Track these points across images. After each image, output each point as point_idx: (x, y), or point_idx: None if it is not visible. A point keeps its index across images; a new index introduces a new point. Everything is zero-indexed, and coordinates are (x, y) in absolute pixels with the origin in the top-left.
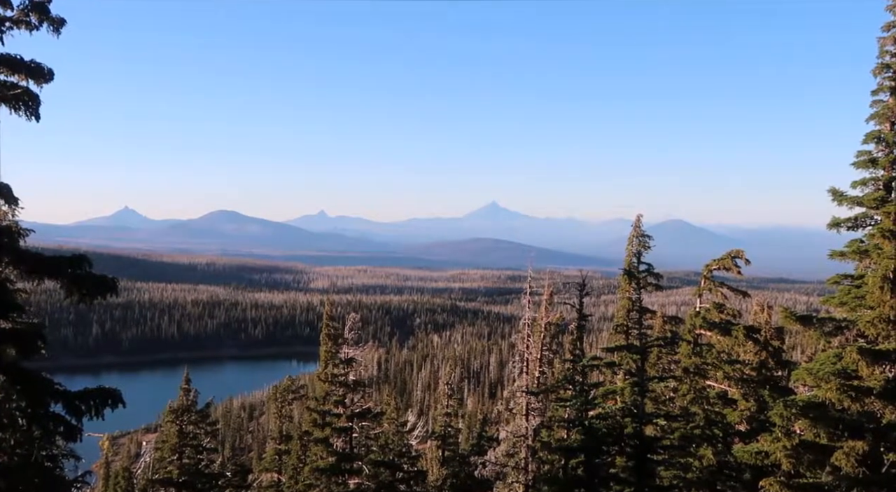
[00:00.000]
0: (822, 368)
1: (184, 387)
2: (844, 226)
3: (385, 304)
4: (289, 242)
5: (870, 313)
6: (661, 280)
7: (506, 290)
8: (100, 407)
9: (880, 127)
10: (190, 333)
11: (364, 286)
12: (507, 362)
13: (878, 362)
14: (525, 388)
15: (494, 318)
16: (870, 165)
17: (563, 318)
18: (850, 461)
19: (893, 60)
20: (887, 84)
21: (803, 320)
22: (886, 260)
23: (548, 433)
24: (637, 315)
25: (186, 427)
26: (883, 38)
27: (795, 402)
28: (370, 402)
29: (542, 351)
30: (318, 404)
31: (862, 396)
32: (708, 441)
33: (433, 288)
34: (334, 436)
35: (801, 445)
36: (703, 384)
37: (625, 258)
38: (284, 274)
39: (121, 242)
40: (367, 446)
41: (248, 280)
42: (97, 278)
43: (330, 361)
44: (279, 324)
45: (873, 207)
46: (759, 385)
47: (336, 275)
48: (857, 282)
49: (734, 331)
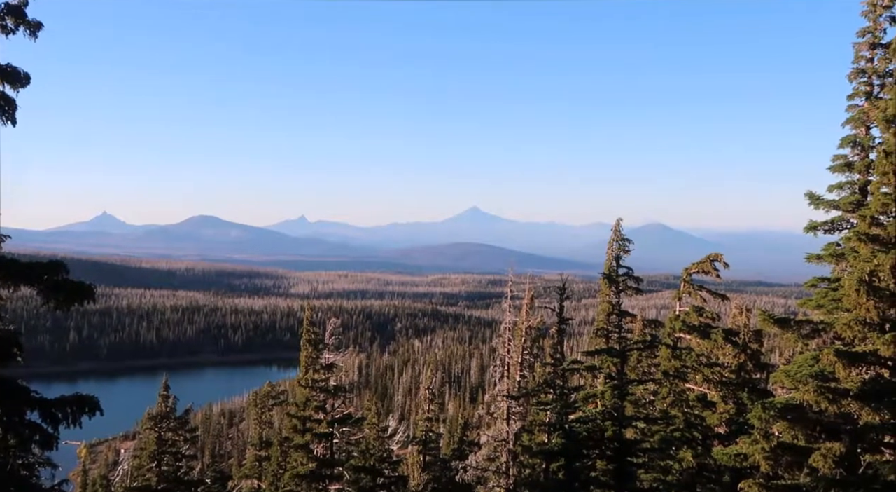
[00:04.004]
0: (800, 370)
1: (162, 393)
2: (821, 229)
3: (366, 308)
4: (269, 247)
5: (846, 316)
6: (641, 284)
7: (487, 294)
8: (77, 415)
9: (856, 131)
10: (169, 339)
11: (345, 291)
12: (488, 367)
13: (855, 365)
14: (506, 392)
15: (475, 322)
16: (846, 169)
17: (543, 322)
18: (828, 463)
19: (868, 65)
20: (862, 89)
21: (781, 323)
22: (863, 263)
23: (529, 437)
24: (617, 319)
25: (165, 434)
26: (858, 43)
27: (774, 404)
28: (351, 407)
29: (523, 355)
30: (298, 410)
31: (839, 398)
32: (688, 444)
33: (414, 293)
34: (315, 442)
35: (780, 447)
36: (683, 387)
37: (605, 262)
38: (265, 279)
39: (99, 248)
40: (348, 452)
41: (228, 286)
42: (74, 285)
43: (310, 367)
44: (259, 329)
45: (849, 210)
46: (738, 388)
47: (317, 280)
48: (834, 285)
49: (713, 334)
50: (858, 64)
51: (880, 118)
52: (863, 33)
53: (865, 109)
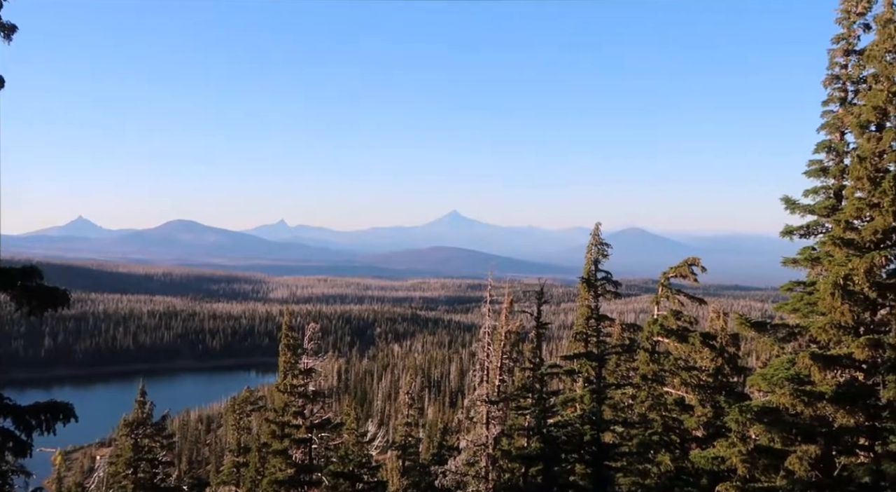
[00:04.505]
0: (776, 373)
1: (139, 399)
2: (797, 234)
3: (345, 313)
4: (248, 251)
5: (821, 319)
6: (620, 288)
7: (466, 298)
8: (51, 422)
9: (831, 137)
10: (146, 344)
11: (324, 296)
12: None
13: (830, 368)
14: (485, 396)
15: (455, 326)
16: (821, 174)
17: (523, 326)
18: (804, 465)
19: (843, 71)
20: (837, 94)
21: (757, 327)
22: (837, 267)
23: (508, 442)
24: (596, 323)
25: (141, 441)
26: (832, 49)
27: (750, 407)
28: (330, 412)
29: (503, 359)
30: (276, 416)
31: (814, 401)
32: (666, 447)
33: (394, 297)
34: (293, 447)
35: (756, 449)
36: (661, 391)
37: (584, 266)
38: (243, 284)
39: (75, 253)
40: (327, 457)
41: (206, 290)
42: (48, 290)
43: (289, 372)
44: (237, 334)
45: (824, 215)
46: (715, 391)
47: (296, 284)
48: (810, 289)
49: (691, 338)
50: (833, 70)
51: (854, 124)
52: (837, 40)
53: (840, 115)
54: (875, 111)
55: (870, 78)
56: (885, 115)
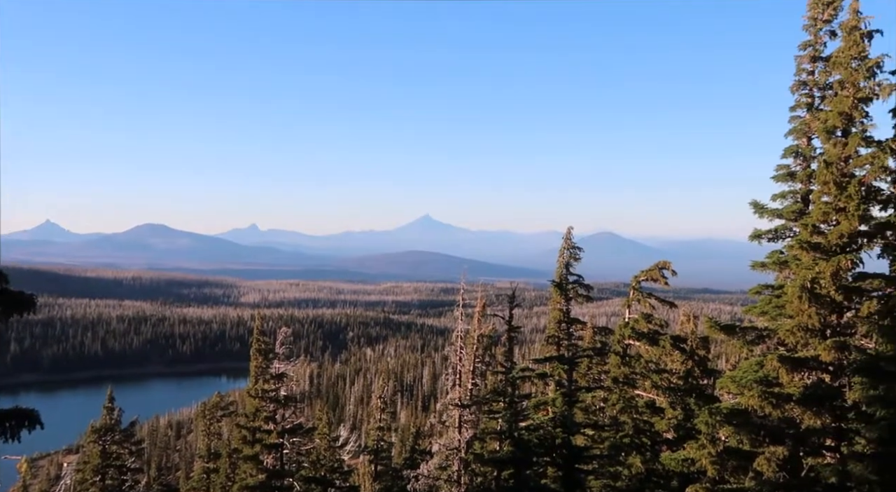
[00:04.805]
0: (745, 376)
1: (107, 406)
2: (765, 237)
3: (317, 317)
4: (219, 255)
5: (789, 322)
6: (592, 291)
7: (439, 302)
8: (16, 429)
9: (798, 142)
10: (115, 349)
11: (296, 300)
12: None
13: (798, 370)
14: (458, 400)
15: (428, 330)
16: (788, 179)
17: (495, 330)
18: (772, 466)
19: (810, 78)
20: (804, 100)
21: (727, 330)
22: (804, 270)
23: (480, 445)
24: (567, 326)
25: (110, 447)
26: (800, 56)
27: (720, 409)
28: (301, 417)
29: (475, 363)
30: (247, 421)
31: (782, 402)
32: (636, 450)
33: (366, 301)
34: (264, 453)
35: (725, 451)
36: (632, 394)
37: (556, 270)
38: (214, 288)
39: (42, 257)
40: (299, 463)
41: (177, 295)
42: (13, 295)
43: (260, 377)
44: (208, 339)
45: (792, 219)
46: (685, 394)
47: (268, 289)
48: (778, 292)
49: (662, 341)
50: (800, 76)
51: (821, 129)
52: (804, 46)
53: (807, 121)
54: (841, 117)
55: (836, 84)
56: (851, 120)
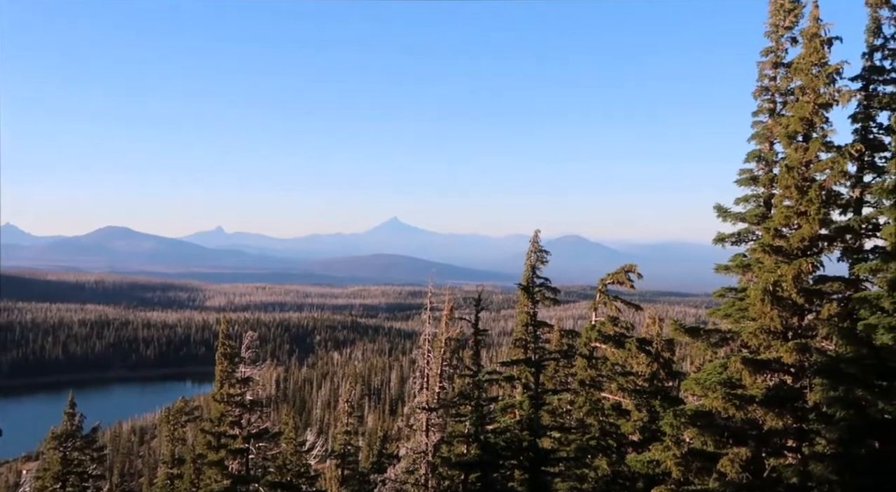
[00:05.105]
0: (709, 378)
1: (68, 411)
2: (729, 241)
3: (284, 321)
4: (184, 259)
5: (752, 325)
6: (559, 294)
7: (407, 306)
8: None
9: (760, 146)
10: (76, 354)
11: (263, 304)
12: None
13: (760, 372)
14: (425, 404)
15: (395, 334)
16: (751, 183)
17: (463, 333)
18: (735, 467)
19: (771, 84)
20: (766, 106)
21: (691, 332)
22: (767, 273)
23: (448, 449)
24: (534, 329)
25: (70, 454)
26: (762, 62)
27: (684, 411)
28: (268, 422)
29: (443, 366)
30: (212, 426)
31: (745, 404)
32: (603, 452)
33: (334, 305)
34: (230, 458)
35: (690, 453)
36: (599, 396)
37: (523, 273)
38: (179, 292)
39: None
40: (264, 468)
41: (141, 299)
42: None
43: (226, 381)
44: (173, 344)
45: (755, 222)
46: (650, 396)
47: (234, 292)
48: (741, 294)
49: (627, 343)
50: (762, 82)
51: (783, 134)
52: (766, 52)
53: (769, 126)
54: (802, 122)
55: (797, 90)
56: (812, 126)
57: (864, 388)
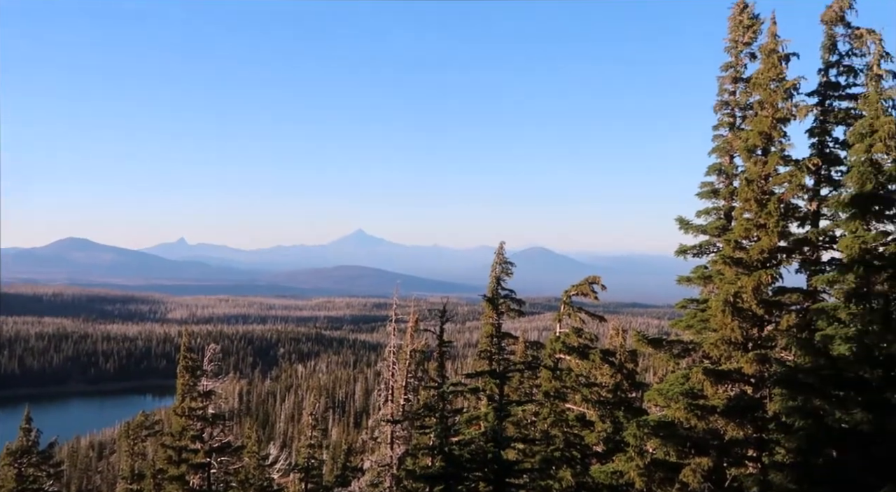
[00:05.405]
0: (672, 388)
1: (24, 426)
2: (690, 253)
3: (247, 333)
4: (145, 270)
5: (713, 336)
6: (524, 306)
7: (372, 318)
8: None
9: (721, 160)
10: (33, 368)
11: (225, 316)
12: (372, 391)
13: (721, 382)
14: (390, 416)
15: (360, 346)
16: (712, 196)
17: (428, 345)
18: (697, 477)
19: (731, 98)
20: (726, 120)
21: (654, 343)
22: (728, 285)
23: (412, 461)
24: (499, 341)
25: (26, 470)
26: (722, 77)
27: (647, 422)
28: (230, 436)
29: (408, 378)
30: (173, 440)
31: (707, 414)
32: (567, 463)
33: (298, 317)
34: (191, 473)
35: (653, 463)
36: (563, 407)
37: (488, 285)
38: (140, 304)
39: None
40: (226, 482)
41: (100, 311)
42: None
43: (187, 395)
44: (133, 357)
45: (716, 235)
46: (614, 407)
47: (196, 304)
48: (703, 306)
49: (592, 355)
50: (722, 96)
51: (742, 148)
52: (726, 67)
53: (729, 139)
54: (761, 136)
55: (756, 104)
56: (770, 140)
57: (821, 398)
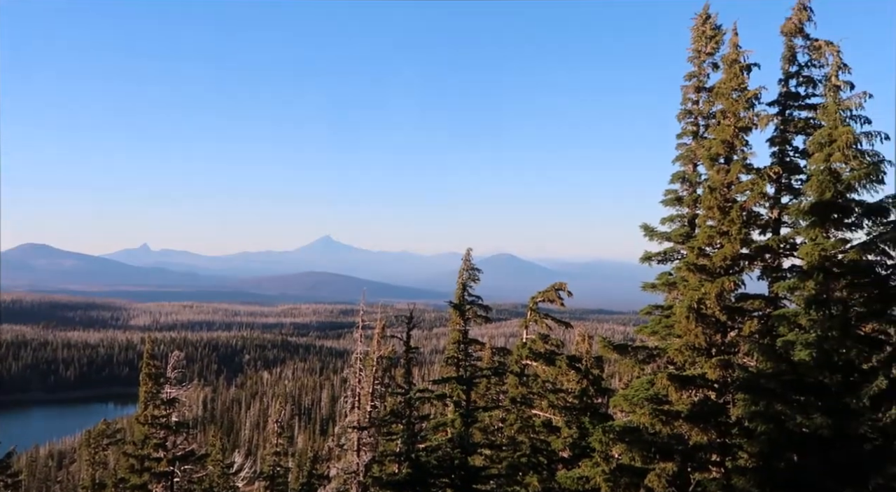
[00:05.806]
0: (637, 394)
1: None
2: (655, 259)
3: (212, 340)
4: (108, 277)
5: (678, 341)
6: (490, 312)
7: (338, 324)
8: None
9: (684, 168)
10: None
11: (190, 322)
12: (339, 397)
13: (686, 388)
14: (356, 423)
15: (327, 352)
16: (676, 203)
17: (395, 351)
18: (662, 482)
19: (695, 107)
20: (690, 128)
21: (620, 349)
22: (692, 291)
23: (379, 468)
24: (466, 347)
25: None
26: (685, 86)
27: (613, 427)
28: (194, 444)
29: (374, 385)
30: (136, 449)
31: (672, 419)
32: (534, 469)
33: (263, 323)
34: (153, 482)
35: (619, 468)
36: (530, 413)
37: (455, 291)
38: (102, 311)
39: None
40: (190, 491)
41: (61, 318)
42: None
43: (150, 403)
44: (94, 364)
45: (680, 242)
46: (580, 413)
47: (159, 311)
48: (667, 312)
49: (558, 361)
50: (686, 105)
51: (705, 156)
52: (689, 77)
53: (692, 148)
54: (723, 145)
55: (718, 114)
56: (733, 148)
57: (782, 403)
